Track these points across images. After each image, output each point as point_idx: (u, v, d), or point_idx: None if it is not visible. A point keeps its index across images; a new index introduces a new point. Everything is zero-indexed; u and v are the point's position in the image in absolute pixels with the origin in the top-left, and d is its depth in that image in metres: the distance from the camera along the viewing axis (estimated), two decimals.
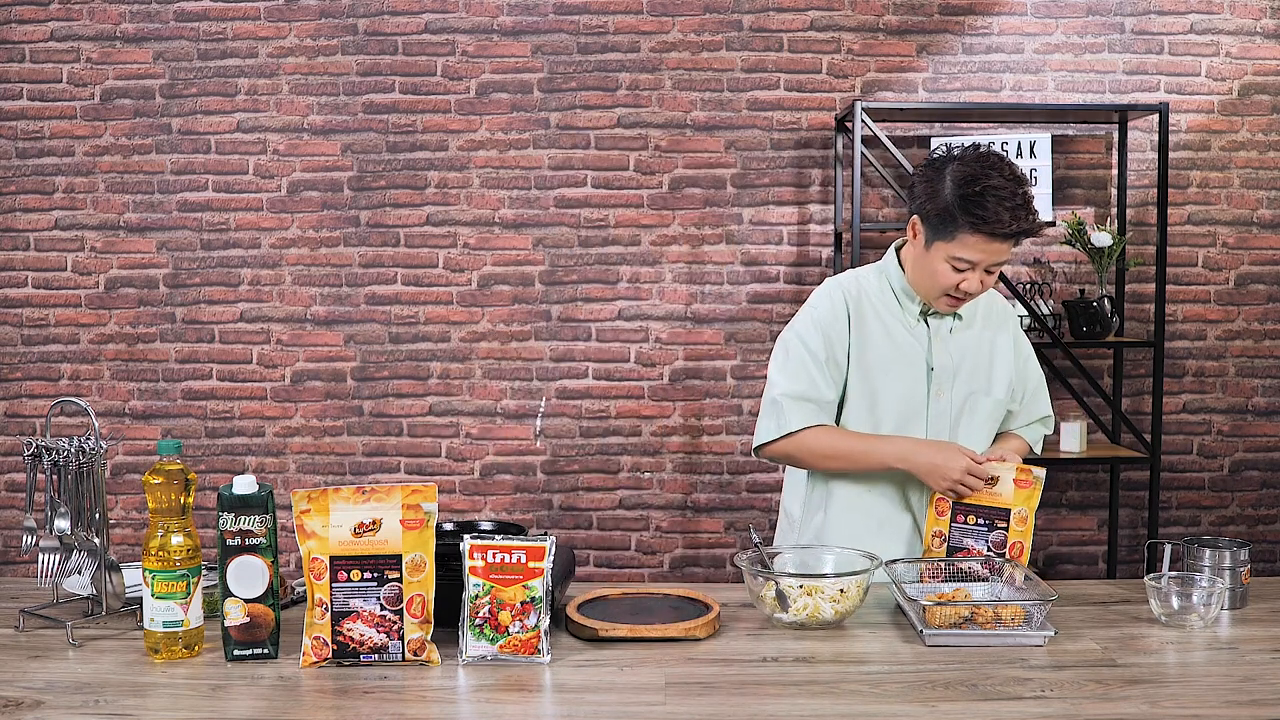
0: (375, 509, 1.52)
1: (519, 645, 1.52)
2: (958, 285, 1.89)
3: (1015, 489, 1.85)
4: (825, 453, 1.96)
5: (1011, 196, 1.81)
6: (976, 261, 1.85)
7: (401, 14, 3.67)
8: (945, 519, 1.90)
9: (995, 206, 1.80)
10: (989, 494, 1.86)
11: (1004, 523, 1.84)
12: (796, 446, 1.96)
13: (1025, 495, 1.85)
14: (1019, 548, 1.84)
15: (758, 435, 2.00)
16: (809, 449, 1.96)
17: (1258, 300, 3.74)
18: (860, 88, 3.68)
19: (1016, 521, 1.84)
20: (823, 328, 1.97)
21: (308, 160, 3.70)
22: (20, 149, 3.69)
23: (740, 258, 3.72)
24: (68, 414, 3.63)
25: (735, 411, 3.74)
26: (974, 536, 1.86)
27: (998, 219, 1.80)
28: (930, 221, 1.89)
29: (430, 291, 3.73)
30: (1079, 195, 3.72)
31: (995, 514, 1.85)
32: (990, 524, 1.85)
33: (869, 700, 1.39)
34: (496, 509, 3.76)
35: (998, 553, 1.84)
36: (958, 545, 1.88)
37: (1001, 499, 1.85)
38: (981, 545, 1.85)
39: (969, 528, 1.87)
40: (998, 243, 1.84)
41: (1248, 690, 1.42)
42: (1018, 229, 1.82)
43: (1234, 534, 3.75)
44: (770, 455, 2.01)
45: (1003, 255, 1.86)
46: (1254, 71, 3.68)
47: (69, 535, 1.69)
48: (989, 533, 1.85)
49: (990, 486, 1.87)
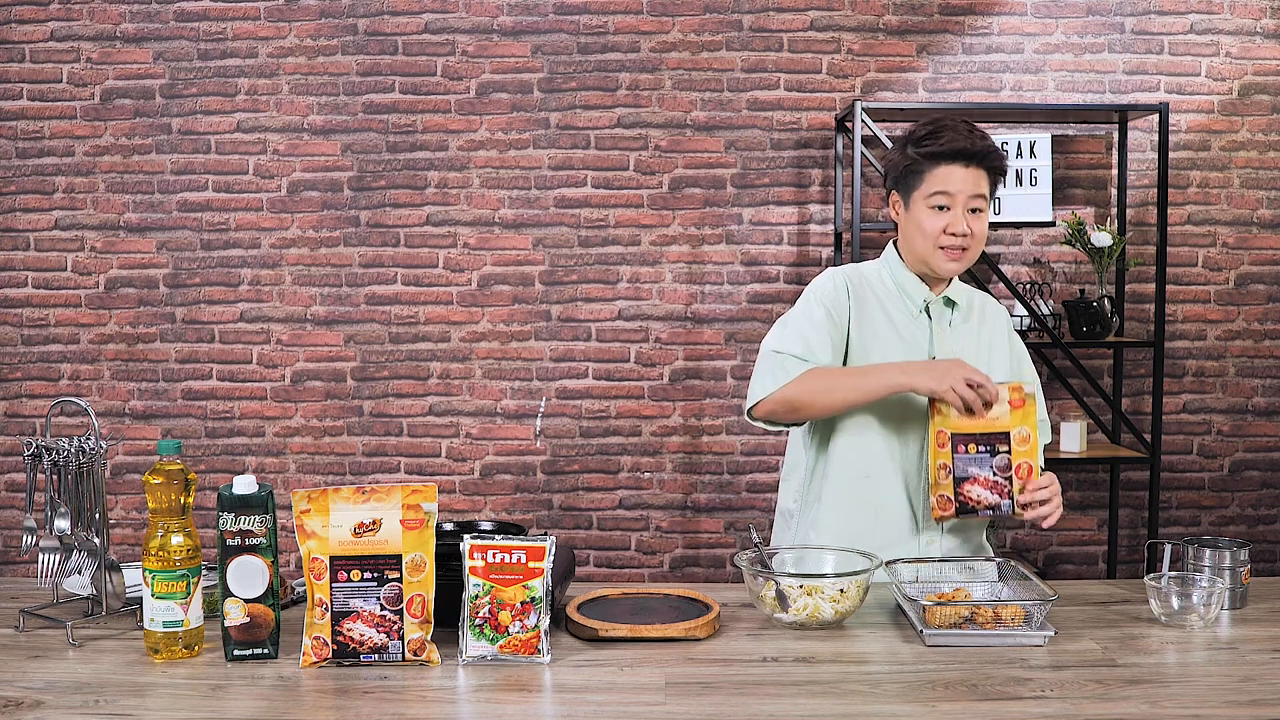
0: (375, 509, 1.52)
1: (519, 645, 1.52)
2: (945, 229, 1.90)
3: (1010, 410, 1.82)
4: (823, 387, 1.89)
5: (964, 125, 1.91)
6: (952, 193, 1.89)
7: (401, 14, 3.67)
8: (946, 450, 1.85)
9: (948, 133, 1.89)
10: (985, 419, 1.83)
11: (1005, 446, 1.82)
12: (793, 389, 1.90)
13: (1022, 414, 1.82)
14: (1026, 467, 1.81)
15: (752, 394, 1.95)
16: (806, 387, 1.89)
17: (1258, 300, 3.74)
18: (860, 88, 3.68)
19: (1018, 442, 1.81)
20: (825, 303, 1.97)
21: (308, 160, 3.70)
22: (20, 149, 3.69)
23: (740, 258, 3.72)
24: (68, 414, 3.63)
25: (735, 411, 3.74)
26: (978, 465, 1.83)
27: (951, 140, 1.88)
28: (901, 182, 1.96)
29: (430, 291, 3.73)
30: (1079, 195, 3.72)
31: (995, 439, 1.82)
32: (991, 449, 1.82)
33: (869, 700, 1.39)
34: (496, 509, 3.76)
35: (1005, 477, 1.82)
36: (964, 475, 1.84)
37: (999, 423, 1.82)
38: (986, 472, 1.82)
39: (971, 457, 1.83)
40: (960, 166, 1.88)
41: (1248, 690, 1.42)
42: (974, 148, 1.88)
43: (1234, 534, 3.75)
44: (765, 410, 1.94)
45: (974, 184, 1.89)
46: (1254, 71, 3.68)
47: (69, 535, 1.69)
48: (992, 458, 1.82)
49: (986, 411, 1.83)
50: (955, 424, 1.84)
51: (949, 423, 1.85)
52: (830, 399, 1.90)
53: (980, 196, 1.91)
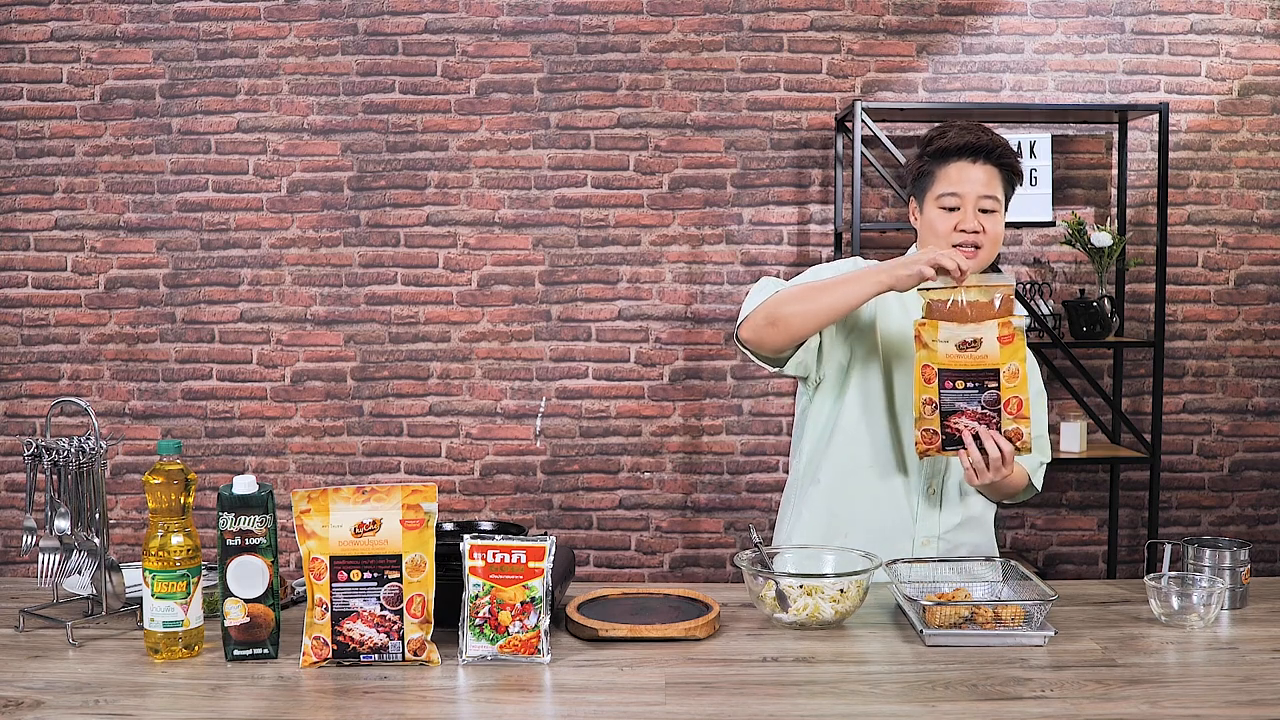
0: (375, 509, 1.52)
1: (519, 645, 1.52)
2: (956, 226, 1.88)
3: (1000, 346, 1.76)
4: (807, 293, 1.82)
5: (973, 126, 1.90)
6: (961, 193, 1.88)
7: (401, 14, 3.67)
8: (933, 386, 1.79)
9: (956, 131, 1.90)
10: (973, 356, 1.77)
11: (994, 382, 1.77)
12: (774, 301, 1.84)
13: (1011, 350, 1.76)
14: (1016, 402, 1.76)
15: (741, 313, 1.90)
16: (791, 294, 1.83)
17: (1258, 300, 3.74)
18: (860, 88, 3.68)
19: (1007, 378, 1.76)
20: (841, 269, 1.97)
21: (308, 160, 3.70)
22: (20, 149, 3.69)
23: (740, 258, 3.72)
24: (68, 414, 3.63)
25: (735, 411, 3.74)
26: (966, 400, 1.78)
27: (960, 137, 1.88)
28: (916, 186, 1.95)
29: (430, 291, 3.73)
30: (1079, 195, 3.72)
31: (984, 375, 1.77)
32: (980, 385, 1.77)
33: (869, 700, 1.39)
34: (496, 509, 3.76)
35: (993, 411, 1.77)
36: (950, 409, 1.79)
37: (988, 359, 1.76)
38: (975, 407, 1.77)
39: (959, 392, 1.78)
40: (968, 164, 1.88)
41: (1248, 690, 1.42)
42: (979, 142, 1.87)
43: (1234, 534, 3.75)
44: (750, 329, 1.87)
45: (984, 185, 1.88)
46: (1254, 71, 3.68)
47: (69, 535, 1.69)
48: (981, 394, 1.77)
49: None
50: (943, 360, 1.77)
51: (936, 358, 1.78)
52: (815, 306, 1.81)
53: (992, 197, 1.88)
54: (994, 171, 1.89)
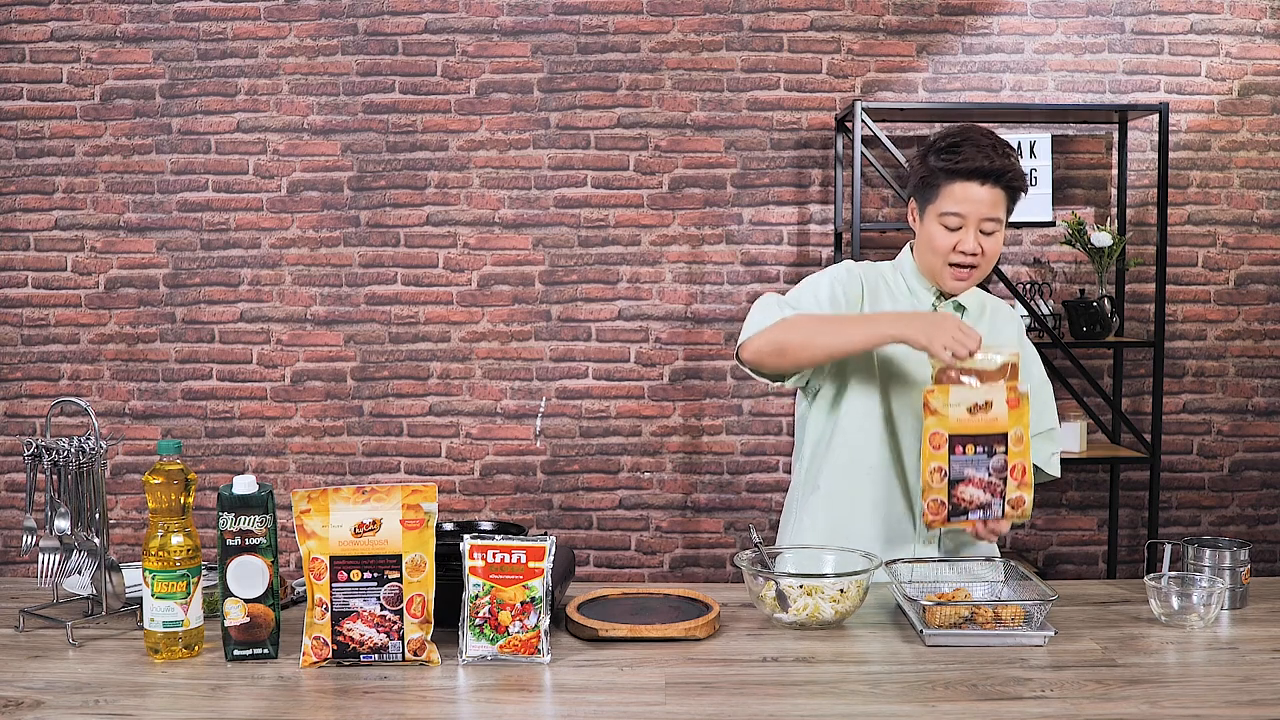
0: (375, 509, 1.52)
1: (519, 645, 1.52)
2: (955, 247, 1.87)
3: (1008, 410, 1.78)
4: (812, 329, 1.83)
5: (985, 140, 1.86)
6: (964, 214, 1.85)
7: (401, 14, 3.67)
8: (942, 452, 1.80)
9: (970, 150, 1.84)
10: (984, 420, 1.78)
11: (1002, 447, 1.78)
12: (781, 329, 1.84)
13: (1018, 415, 1.78)
14: (1021, 468, 1.78)
15: (743, 334, 1.90)
16: (795, 327, 1.84)
17: (1258, 300, 3.74)
18: (860, 88, 3.68)
19: (1014, 442, 1.78)
20: (838, 284, 1.94)
21: (308, 160, 3.70)
22: (20, 149, 3.69)
23: (740, 258, 3.72)
24: (68, 414, 3.63)
25: (735, 411, 3.75)
26: (975, 466, 1.79)
27: (972, 159, 1.83)
28: (919, 193, 1.92)
29: (430, 291, 3.73)
30: (1079, 195, 3.72)
31: (994, 439, 1.78)
32: (990, 449, 1.78)
33: (869, 700, 1.39)
34: (496, 509, 3.76)
35: (1000, 478, 1.78)
36: (959, 477, 1.80)
37: (997, 423, 1.78)
38: (983, 474, 1.78)
39: (969, 458, 1.79)
40: (975, 184, 1.84)
41: (1248, 690, 1.42)
42: (991, 166, 1.83)
43: (1234, 534, 3.75)
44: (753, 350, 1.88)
45: (988, 206, 1.85)
46: (1254, 71, 3.68)
47: (69, 535, 1.69)
48: (989, 459, 1.78)
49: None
50: (954, 425, 1.79)
51: (946, 424, 1.79)
52: (819, 341, 1.82)
53: (995, 219, 1.87)
54: (1000, 193, 1.86)
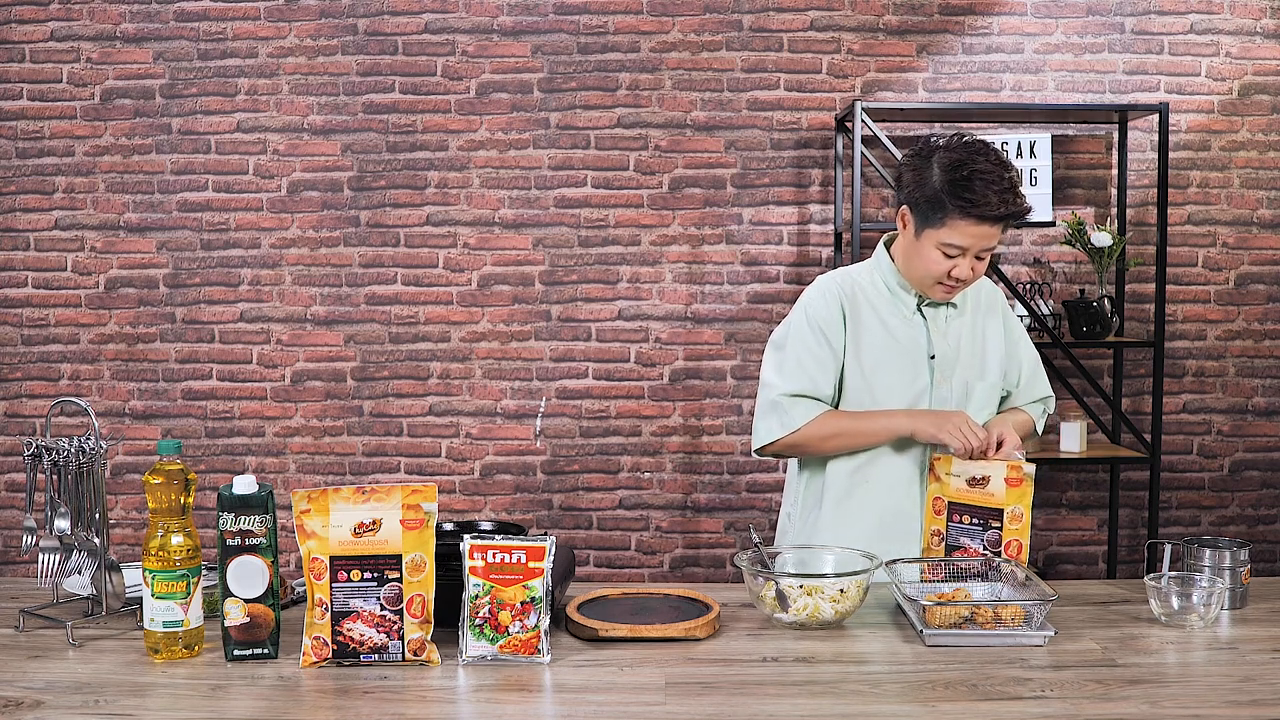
0: (375, 509, 1.52)
1: (519, 645, 1.52)
2: (949, 272, 1.90)
3: (1007, 488, 1.84)
4: (830, 434, 1.97)
5: (999, 180, 1.84)
6: (966, 247, 1.87)
7: (401, 14, 3.67)
8: (942, 518, 1.90)
9: (983, 190, 1.83)
10: (981, 494, 1.86)
11: (998, 522, 1.84)
12: (801, 436, 1.96)
13: (1018, 493, 1.84)
14: (1016, 545, 1.83)
15: (758, 437, 2.00)
16: (814, 434, 1.96)
17: (1258, 300, 3.74)
18: (860, 88, 3.68)
19: (1010, 520, 1.83)
20: (819, 325, 1.98)
21: (308, 160, 3.70)
22: (20, 149, 3.69)
23: (740, 258, 3.72)
24: (68, 414, 3.63)
25: (735, 411, 3.74)
26: (970, 536, 1.86)
27: (986, 202, 1.83)
28: (919, 210, 1.91)
29: (430, 291, 3.73)
30: (1079, 195, 3.72)
31: (989, 514, 1.85)
32: (984, 524, 1.85)
33: (869, 700, 1.39)
34: (496, 509, 3.76)
35: (994, 551, 1.84)
36: (955, 544, 1.88)
37: (994, 499, 1.85)
38: (977, 545, 1.85)
39: (965, 527, 1.87)
40: (986, 226, 1.86)
41: (1248, 690, 1.42)
42: (1005, 211, 1.84)
43: (1234, 534, 3.75)
44: (773, 451, 2.01)
45: (992, 240, 1.88)
46: (1254, 71, 3.68)
47: (69, 535, 1.69)
48: (984, 532, 1.85)
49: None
50: (953, 494, 1.89)
51: (947, 491, 1.90)
52: (837, 443, 1.98)
53: (991, 246, 1.90)
54: (1000, 226, 1.88)
